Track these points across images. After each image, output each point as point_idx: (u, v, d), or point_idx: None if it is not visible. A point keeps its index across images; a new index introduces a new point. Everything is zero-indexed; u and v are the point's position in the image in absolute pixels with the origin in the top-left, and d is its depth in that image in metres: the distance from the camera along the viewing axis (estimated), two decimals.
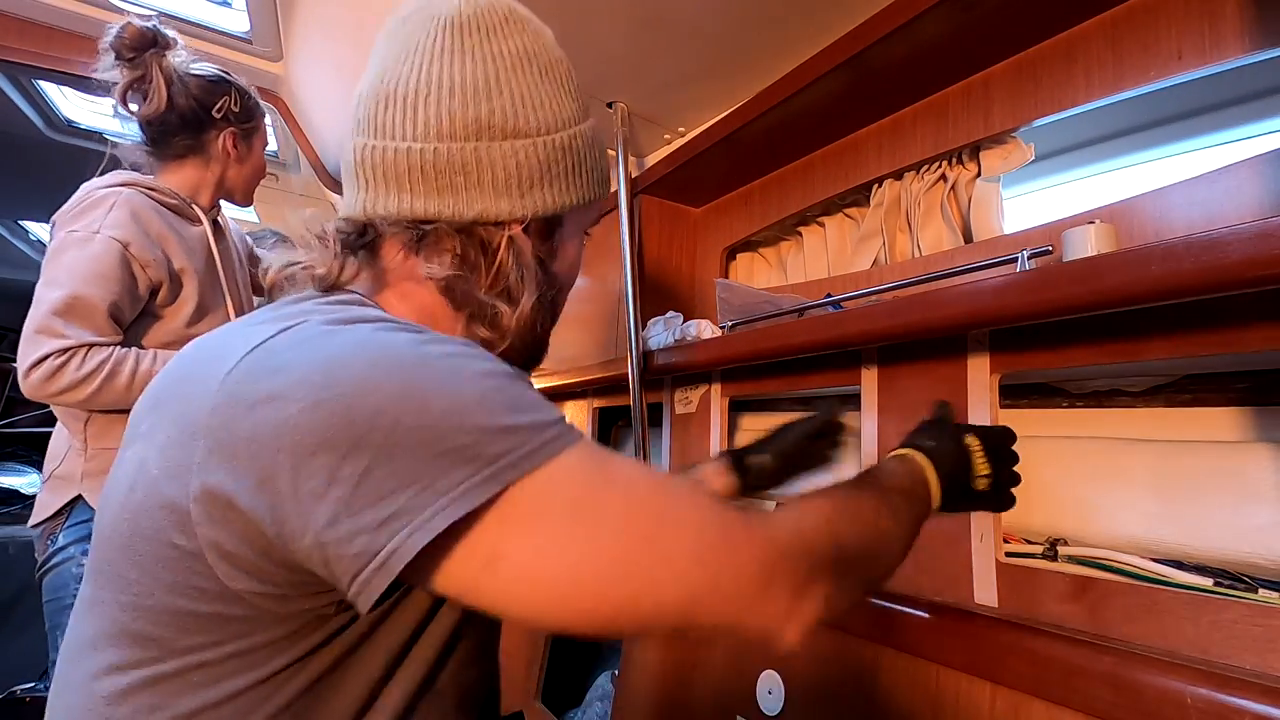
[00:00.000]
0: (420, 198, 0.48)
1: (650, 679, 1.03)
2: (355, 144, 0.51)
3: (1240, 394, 0.69)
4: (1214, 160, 0.70)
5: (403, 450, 0.34)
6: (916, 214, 1.02)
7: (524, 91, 0.50)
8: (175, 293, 1.09)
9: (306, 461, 0.34)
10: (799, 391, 1.11)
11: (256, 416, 0.36)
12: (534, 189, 0.51)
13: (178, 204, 1.14)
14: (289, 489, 0.34)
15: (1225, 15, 0.68)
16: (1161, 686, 0.50)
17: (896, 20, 0.82)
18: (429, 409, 0.35)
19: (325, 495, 0.34)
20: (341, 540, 0.34)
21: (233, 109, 1.16)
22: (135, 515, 0.40)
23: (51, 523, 1.05)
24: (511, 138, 0.49)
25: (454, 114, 0.47)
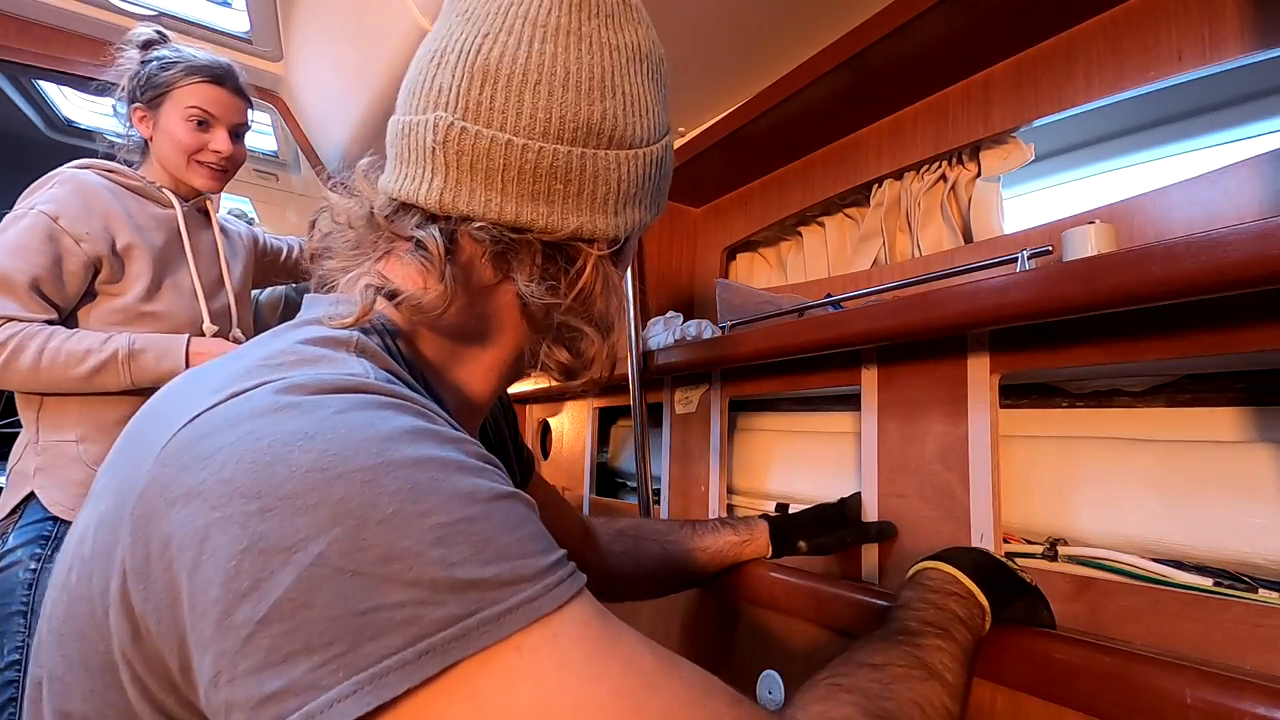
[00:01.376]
0: (513, 201, 0.42)
1: None
2: (434, 119, 0.42)
3: (1240, 394, 0.69)
4: (1214, 160, 0.70)
5: (319, 601, 0.25)
6: (916, 214, 1.02)
7: (635, 95, 0.45)
8: (119, 270, 1.06)
9: (203, 592, 0.26)
10: (799, 391, 1.11)
11: (172, 520, 0.28)
12: (629, 206, 0.46)
13: (141, 186, 1.13)
14: (189, 622, 0.27)
15: (1225, 15, 0.68)
16: (1161, 686, 0.50)
17: (896, 20, 0.82)
18: (365, 545, 0.26)
19: (211, 643, 0.26)
20: (215, 710, 0.26)
21: (136, 86, 1.14)
22: (69, 598, 0.33)
23: (4, 522, 1.03)
24: (617, 147, 0.44)
25: (565, 111, 0.41)
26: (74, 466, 1.03)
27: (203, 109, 1.13)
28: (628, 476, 1.66)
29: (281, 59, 1.65)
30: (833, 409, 1.12)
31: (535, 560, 0.29)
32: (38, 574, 1.00)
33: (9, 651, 0.98)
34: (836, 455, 1.06)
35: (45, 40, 1.48)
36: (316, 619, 0.25)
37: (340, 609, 0.25)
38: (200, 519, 0.27)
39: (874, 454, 0.88)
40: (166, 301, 1.10)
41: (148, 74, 1.12)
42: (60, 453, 1.03)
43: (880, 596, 0.75)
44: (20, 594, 0.99)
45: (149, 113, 1.13)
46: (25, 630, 0.98)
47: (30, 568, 1.00)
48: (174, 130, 1.13)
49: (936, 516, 0.79)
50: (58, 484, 1.02)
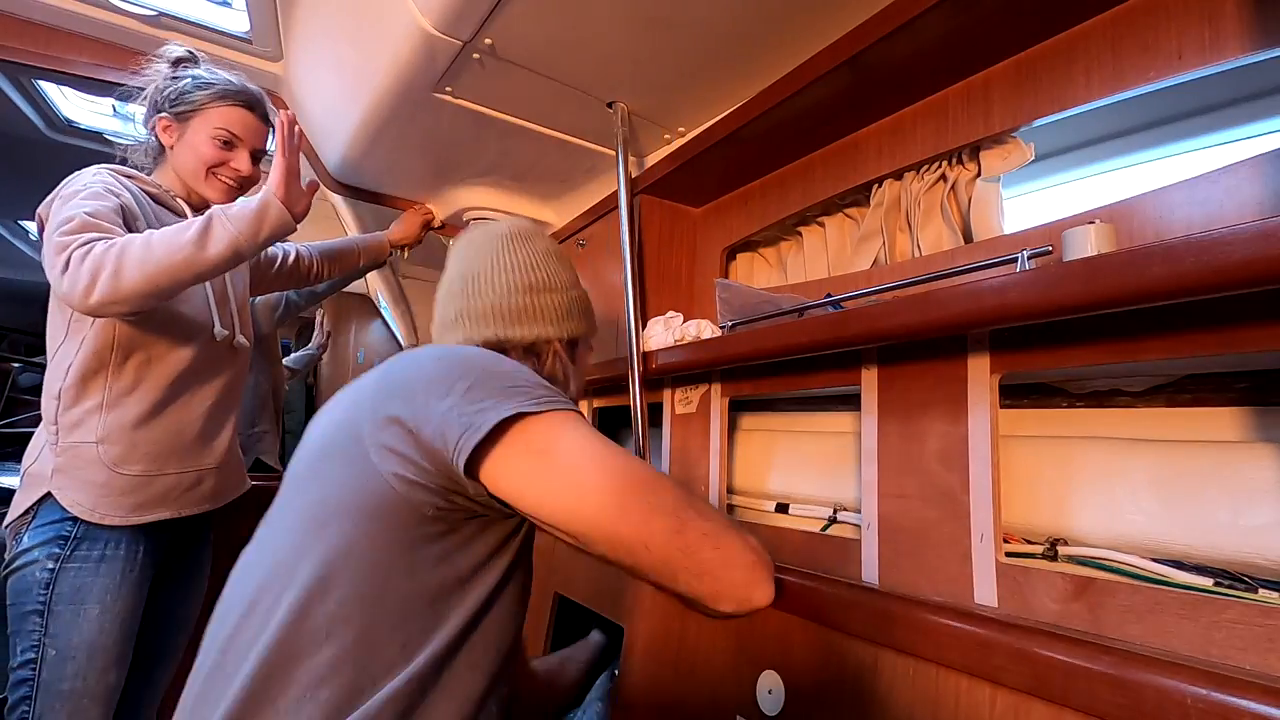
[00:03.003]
0: (502, 328, 0.79)
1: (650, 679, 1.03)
2: (451, 308, 0.81)
3: (1240, 394, 0.69)
4: (1214, 160, 0.70)
5: (488, 382, 0.58)
6: (916, 214, 1.02)
7: (552, 268, 0.83)
8: None
9: (436, 385, 0.59)
10: (799, 391, 1.11)
11: (407, 371, 0.63)
12: (565, 321, 0.83)
13: (158, 193, 1.14)
14: (423, 400, 0.58)
15: (1225, 15, 0.68)
16: (1161, 686, 0.50)
17: (896, 20, 0.82)
18: (502, 366, 0.63)
19: (444, 399, 0.57)
20: (452, 419, 0.56)
21: (165, 95, 1.16)
22: (328, 439, 0.65)
23: (19, 521, 1.04)
24: (550, 292, 0.82)
25: (516, 283, 0.80)
26: (94, 468, 1.03)
27: (230, 130, 1.18)
28: None
29: (281, 59, 1.65)
30: (833, 409, 1.12)
31: (562, 396, 0.62)
32: (55, 574, 1.00)
33: (24, 650, 0.99)
34: (836, 455, 1.06)
35: (45, 40, 1.47)
36: (491, 388, 0.58)
37: (499, 385, 0.59)
38: (423, 368, 0.63)
39: (874, 454, 0.88)
40: (183, 305, 1.12)
41: (179, 89, 1.15)
42: (80, 454, 1.03)
43: (880, 597, 0.75)
44: (37, 593, 1.00)
45: (174, 124, 1.16)
46: (41, 629, 0.99)
47: (48, 567, 1.00)
48: (199, 145, 1.17)
49: (936, 516, 0.79)
50: (77, 485, 1.03)
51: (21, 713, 0.98)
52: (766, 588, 0.58)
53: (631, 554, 0.56)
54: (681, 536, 0.56)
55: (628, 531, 0.55)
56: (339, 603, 0.56)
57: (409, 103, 1.30)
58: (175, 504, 1.12)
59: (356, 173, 1.72)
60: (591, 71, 1.18)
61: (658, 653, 1.03)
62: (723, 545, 0.57)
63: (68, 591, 1.00)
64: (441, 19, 1.05)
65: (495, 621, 0.64)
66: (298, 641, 0.55)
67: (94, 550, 1.03)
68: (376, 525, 0.57)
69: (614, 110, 1.29)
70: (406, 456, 0.57)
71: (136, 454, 1.06)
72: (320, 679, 0.54)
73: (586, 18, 1.04)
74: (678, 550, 0.56)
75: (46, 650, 0.99)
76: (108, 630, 1.02)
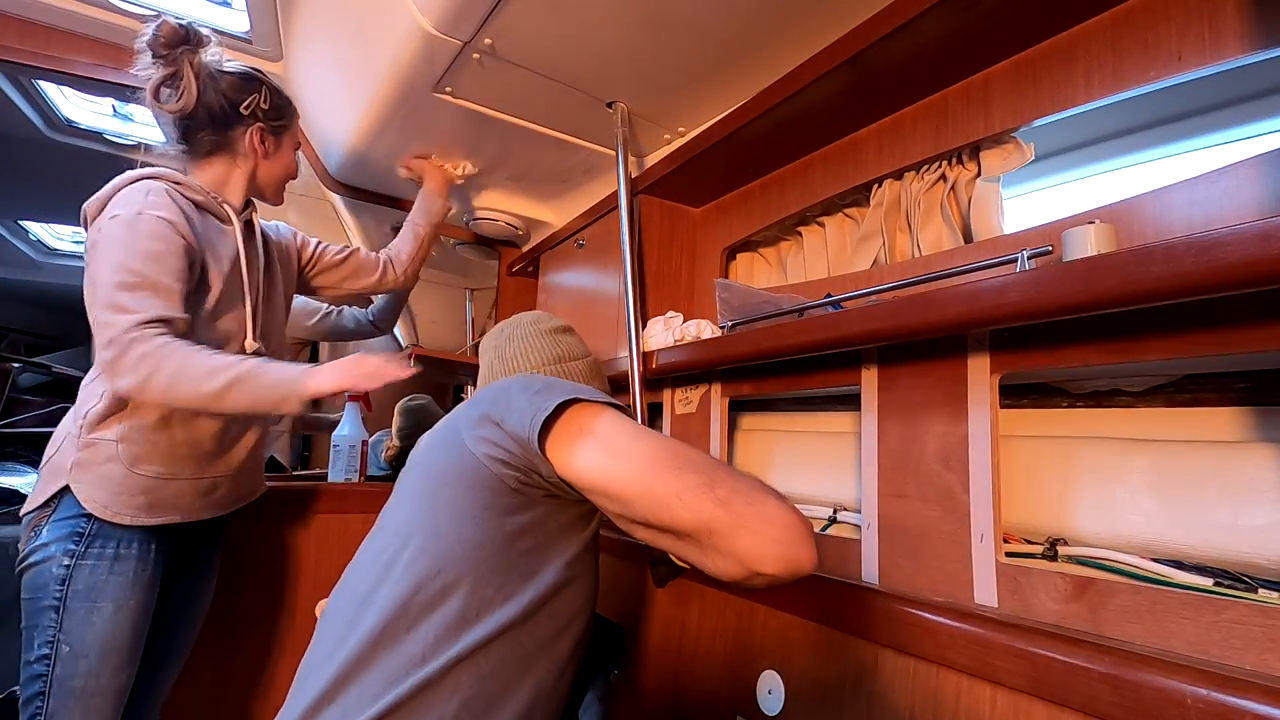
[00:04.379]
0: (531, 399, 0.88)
1: (650, 679, 1.03)
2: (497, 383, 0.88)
3: (1240, 394, 0.69)
4: (1214, 160, 0.70)
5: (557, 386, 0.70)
6: (916, 214, 1.02)
7: (567, 343, 1.00)
8: (200, 283, 1.09)
9: (516, 394, 0.71)
10: (799, 391, 1.11)
11: (495, 390, 0.74)
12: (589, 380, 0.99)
13: (205, 200, 1.14)
14: (505, 401, 0.70)
15: (1225, 15, 0.68)
16: (1161, 686, 0.50)
17: (897, 20, 0.82)
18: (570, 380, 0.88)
19: (523, 397, 0.69)
20: (527, 409, 0.67)
21: (261, 106, 1.17)
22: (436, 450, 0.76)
23: (39, 513, 1.04)
24: (569, 360, 0.98)
25: (543, 355, 0.97)
26: (111, 465, 1.04)
27: (299, 141, 1.28)
28: None
29: (281, 59, 1.65)
30: (833, 409, 1.12)
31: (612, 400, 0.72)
32: (71, 570, 1.01)
33: (40, 645, 1.00)
34: (836, 455, 1.06)
35: (45, 40, 1.47)
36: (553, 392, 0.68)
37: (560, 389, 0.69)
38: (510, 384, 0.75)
39: (874, 454, 0.88)
40: (225, 317, 1.13)
41: (278, 104, 1.21)
42: (99, 450, 1.03)
43: (880, 597, 0.75)
44: (54, 589, 1.00)
45: (271, 138, 1.21)
46: (56, 625, 1.00)
47: (64, 564, 1.00)
48: (289, 160, 1.26)
49: (936, 516, 0.79)
50: (95, 480, 1.03)
51: (35, 708, 0.99)
52: (809, 548, 0.58)
53: (668, 509, 0.59)
54: (713, 490, 0.58)
55: (660, 485, 0.60)
56: (447, 548, 0.66)
57: (409, 103, 1.30)
58: (186, 509, 1.12)
59: (356, 172, 1.72)
60: (591, 71, 1.18)
61: (658, 653, 1.03)
62: (757, 501, 0.58)
63: (83, 589, 1.01)
64: (441, 19, 1.05)
65: (572, 589, 0.72)
66: (419, 579, 0.65)
67: (108, 548, 1.03)
68: (473, 491, 0.68)
69: (614, 110, 1.29)
70: (495, 441, 0.68)
71: (154, 455, 1.07)
72: (434, 603, 0.64)
73: (586, 18, 1.04)
74: (711, 502, 0.58)
75: (60, 647, 0.99)
76: (121, 628, 1.03)
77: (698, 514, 0.58)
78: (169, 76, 1.10)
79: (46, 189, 2.34)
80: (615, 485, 0.63)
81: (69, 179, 2.05)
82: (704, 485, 0.59)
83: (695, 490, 0.59)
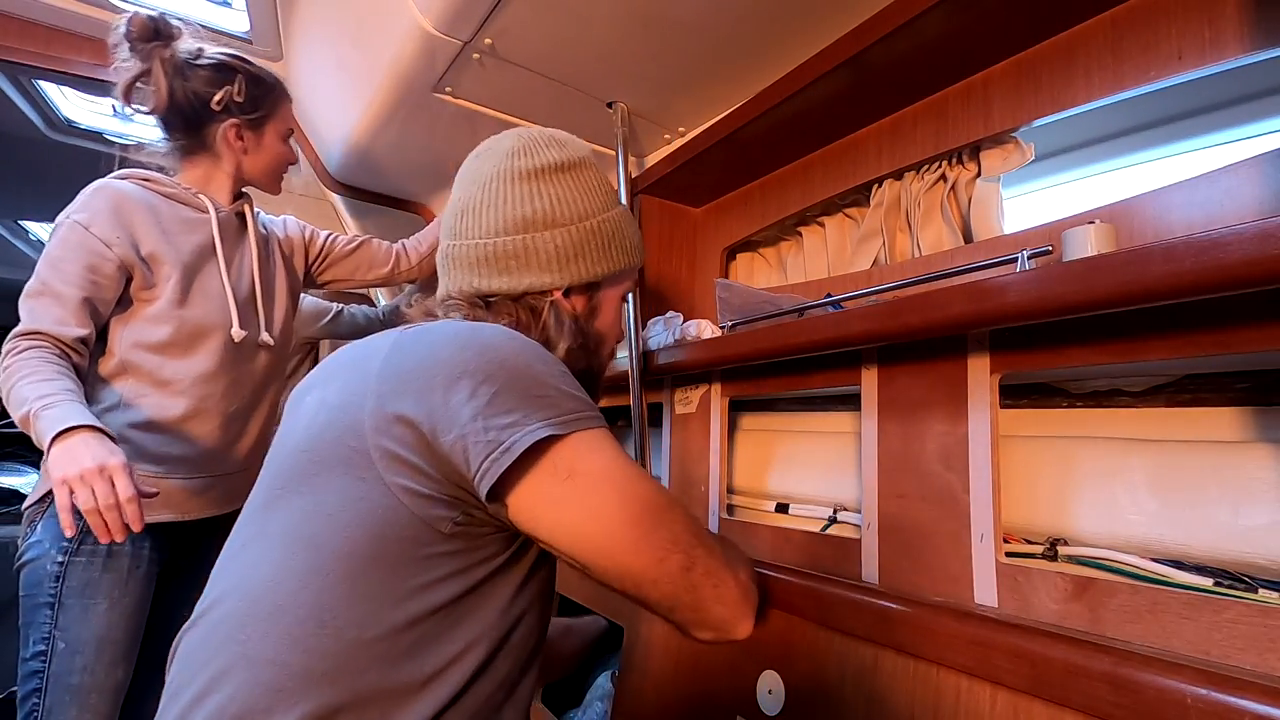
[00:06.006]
0: (485, 278, 0.66)
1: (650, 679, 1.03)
2: (443, 247, 0.70)
3: (1240, 394, 0.69)
4: (1214, 160, 0.70)
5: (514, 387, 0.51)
6: (916, 214, 1.02)
7: (561, 193, 0.67)
8: (149, 276, 1.06)
9: (455, 383, 0.51)
10: (799, 391, 1.11)
11: (419, 358, 0.54)
12: (569, 264, 0.68)
13: (176, 192, 1.12)
14: (441, 400, 0.50)
15: (1225, 15, 0.68)
16: (1161, 686, 0.50)
17: (896, 20, 0.82)
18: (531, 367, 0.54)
19: (468, 404, 0.50)
20: (478, 432, 0.49)
21: (235, 99, 1.11)
22: (317, 435, 0.55)
23: (35, 509, 1.04)
24: (552, 228, 0.66)
25: (505, 217, 0.66)
26: None
27: (291, 129, 1.19)
28: None
29: (281, 59, 1.65)
30: (833, 409, 1.12)
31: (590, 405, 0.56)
32: (65, 566, 1.01)
33: (35, 641, 1.00)
34: (836, 455, 1.06)
35: (45, 40, 1.47)
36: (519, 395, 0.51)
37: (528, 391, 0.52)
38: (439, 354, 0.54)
39: (874, 454, 0.88)
40: (195, 306, 1.10)
41: (252, 95, 1.13)
42: None
43: (880, 596, 0.75)
44: (48, 586, 1.00)
45: (250, 131, 1.15)
46: (51, 622, 1.00)
47: (58, 560, 1.00)
48: (276, 150, 1.18)
49: (936, 516, 0.79)
50: None
51: (32, 704, 0.99)
52: (746, 624, 0.62)
53: (639, 587, 0.56)
54: (688, 575, 0.56)
55: (640, 567, 0.54)
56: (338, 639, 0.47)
57: (409, 103, 1.30)
58: (180, 508, 1.11)
59: (356, 172, 1.72)
60: (591, 71, 1.18)
61: (658, 653, 1.03)
62: (721, 583, 0.59)
63: (77, 586, 1.01)
64: (441, 19, 1.05)
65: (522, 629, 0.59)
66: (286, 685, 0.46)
67: (100, 545, 1.02)
68: (383, 547, 0.49)
69: (614, 110, 1.29)
70: (417, 467, 0.49)
71: (144, 455, 1.06)
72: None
73: (586, 18, 1.04)
74: (683, 588, 0.56)
75: (56, 643, 0.99)
76: (115, 625, 1.03)
77: (668, 595, 0.56)
78: (141, 75, 1.06)
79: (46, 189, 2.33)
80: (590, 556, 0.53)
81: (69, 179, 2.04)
82: (682, 569, 0.55)
83: (672, 574, 0.55)
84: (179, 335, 1.08)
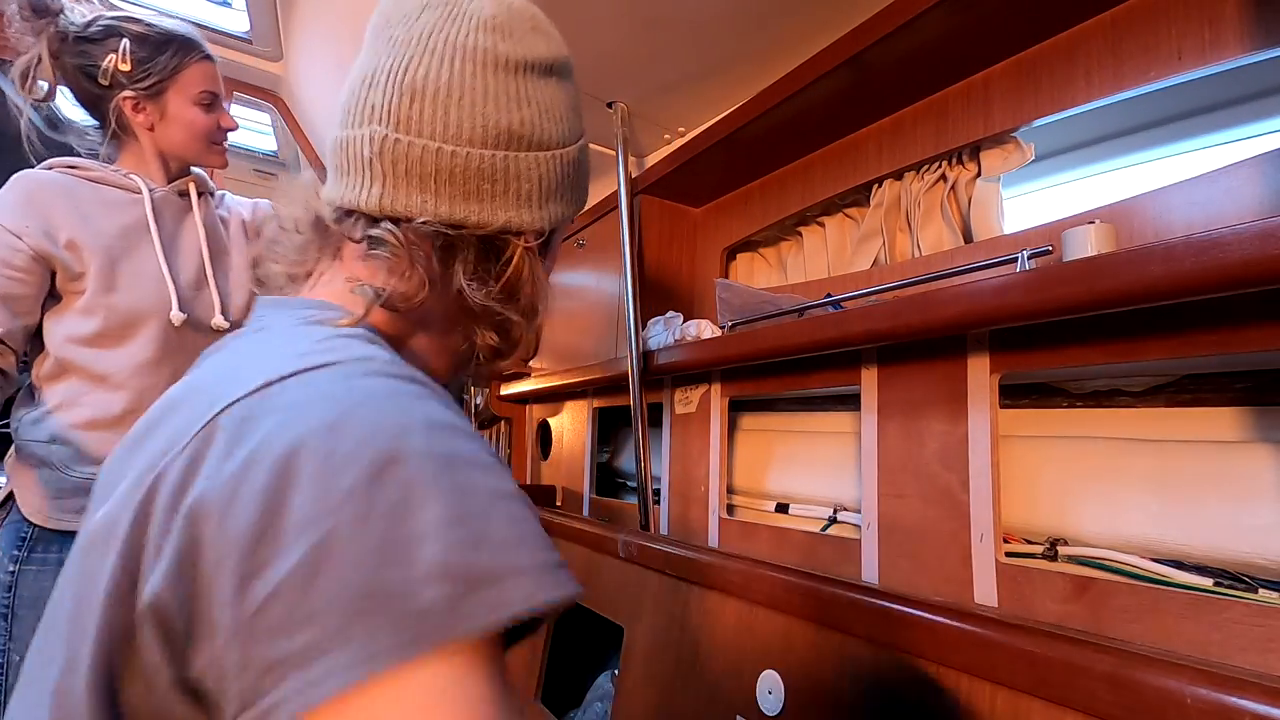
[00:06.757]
0: (447, 201, 0.46)
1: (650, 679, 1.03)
2: (369, 133, 0.46)
3: (1240, 394, 0.69)
4: (1214, 160, 0.70)
5: (349, 558, 0.27)
6: (916, 214, 1.02)
7: (549, 103, 0.50)
8: (74, 265, 0.99)
9: (247, 532, 0.27)
10: (799, 391, 1.11)
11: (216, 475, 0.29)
12: (551, 201, 0.51)
13: (101, 175, 1.04)
14: (214, 557, 0.28)
15: (1225, 15, 0.68)
16: (1161, 686, 0.50)
17: (896, 20, 0.82)
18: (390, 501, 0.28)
19: (237, 597, 0.27)
20: (259, 646, 0.26)
21: (120, 67, 0.98)
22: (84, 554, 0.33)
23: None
24: (536, 149, 0.49)
25: (487, 120, 0.46)
26: (45, 469, 0.99)
27: (210, 90, 1.05)
28: (628, 476, 1.66)
29: (281, 59, 1.65)
30: (833, 409, 1.12)
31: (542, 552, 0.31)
32: (16, 576, 0.97)
33: None
34: (836, 455, 1.06)
35: None
36: (349, 579, 0.27)
37: (368, 574, 0.27)
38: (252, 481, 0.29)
39: (874, 454, 0.88)
40: (125, 291, 1.01)
41: (138, 60, 0.99)
42: (34, 453, 0.99)
43: (880, 596, 0.75)
44: (1, 596, 0.97)
45: (148, 102, 1.02)
46: (6, 634, 0.96)
47: (9, 569, 0.97)
48: (189, 118, 1.04)
49: (936, 516, 0.79)
50: (30, 484, 0.99)
51: None
52: None
53: None
54: None
55: None
56: None
57: None
58: None
59: None
60: (591, 71, 1.18)
61: (658, 653, 1.03)
62: None
63: (29, 596, 0.97)
64: None
65: None
66: None
67: (50, 553, 0.99)
68: None
69: (614, 110, 1.29)
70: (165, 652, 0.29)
71: (87, 458, 1.01)
72: None
73: (586, 17, 1.04)
74: None
75: (11, 655, 0.96)
76: None
77: None
78: (35, 59, 0.95)
79: None
80: None
81: None
82: None
83: None
84: (110, 324, 1.00)
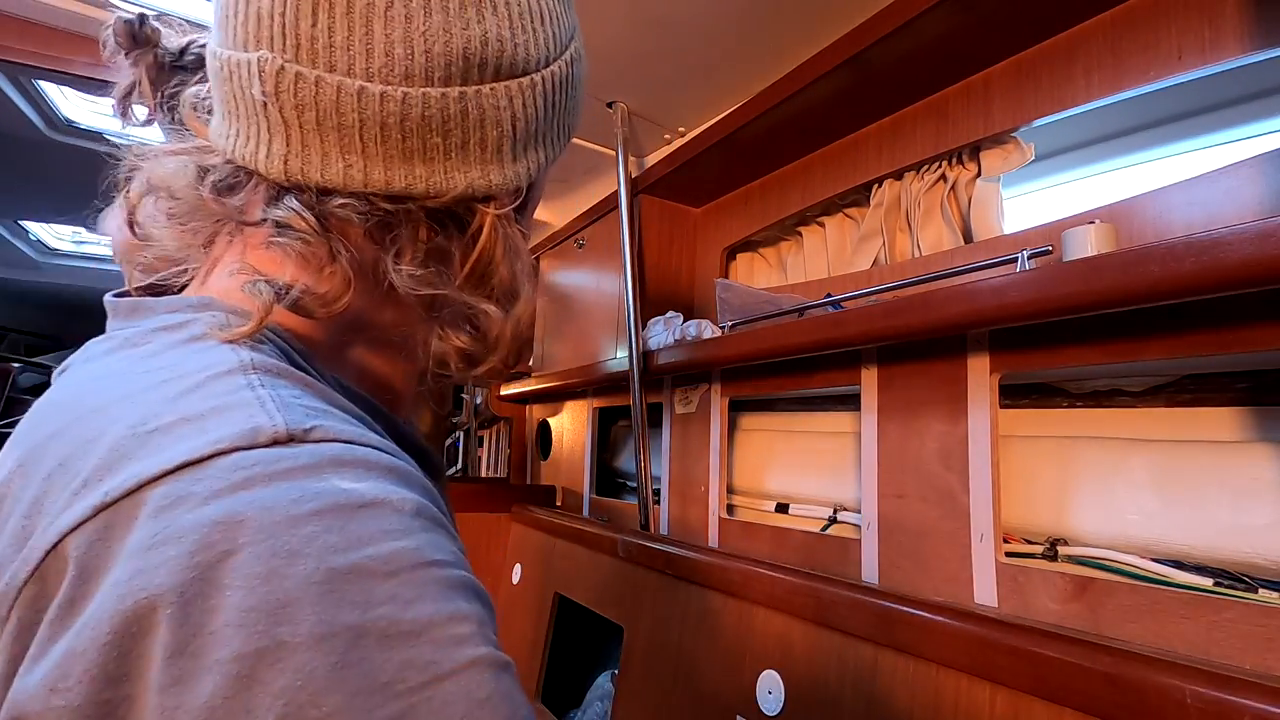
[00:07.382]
0: (380, 164, 0.32)
1: (650, 679, 1.03)
2: (257, 59, 0.31)
3: (1240, 394, 0.69)
4: (1214, 160, 0.70)
5: None
6: (916, 214, 1.02)
7: (524, 6, 0.34)
8: None
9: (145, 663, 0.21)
10: (799, 391, 1.11)
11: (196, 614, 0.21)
12: (531, 148, 0.37)
13: None
14: None
15: (1225, 15, 0.68)
16: (1161, 686, 0.50)
17: (896, 20, 0.82)
18: None
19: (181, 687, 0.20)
20: None
21: None
22: None
23: None
24: (507, 77, 0.34)
25: (430, 42, 0.31)
26: None
27: None
28: (628, 476, 1.66)
29: None
30: (833, 409, 1.12)
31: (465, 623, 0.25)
32: None
33: None
34: (836, 455, 1.06)
35: (45, 40, 1.47)
36: None
37: None
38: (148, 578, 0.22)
39: (874, 454, 0.88)
40: None
41: None
42: None
43: (880, 596, 0.75)
44: None
45: None
46: None
47: None
48: None
49: (936, 516, 0.79)
50: None
51: None
52: None
53: None
54: None
55: None
56: None
57: None
58: None
59: None
60: (591, 71, 1.18)
61: (658, 653, 1.03)
62: None
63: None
64: None
65: None
66: None
67: None
68: None
69: (614, 110, 1.29)
70: None
71: None
72: None
73: (586, 17, 1.03)
74: None
75: None
76: None
77: None
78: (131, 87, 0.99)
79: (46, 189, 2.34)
80: None
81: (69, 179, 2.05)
82: None
83: None
84: None
